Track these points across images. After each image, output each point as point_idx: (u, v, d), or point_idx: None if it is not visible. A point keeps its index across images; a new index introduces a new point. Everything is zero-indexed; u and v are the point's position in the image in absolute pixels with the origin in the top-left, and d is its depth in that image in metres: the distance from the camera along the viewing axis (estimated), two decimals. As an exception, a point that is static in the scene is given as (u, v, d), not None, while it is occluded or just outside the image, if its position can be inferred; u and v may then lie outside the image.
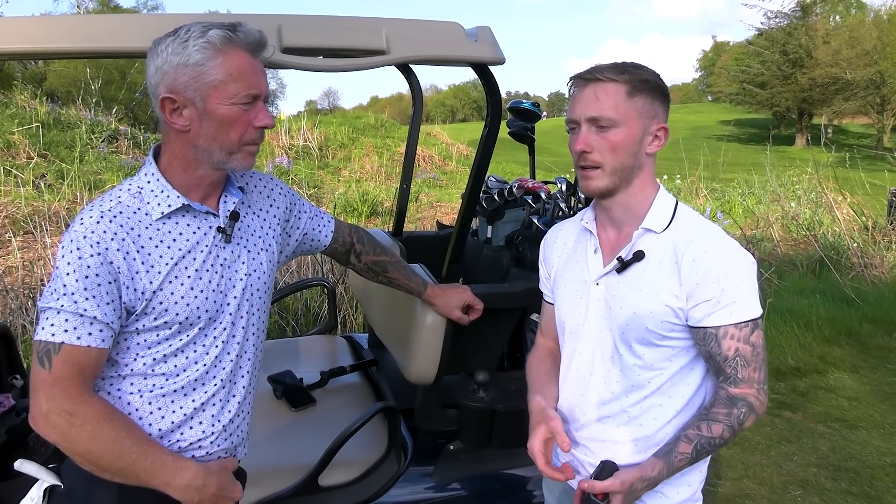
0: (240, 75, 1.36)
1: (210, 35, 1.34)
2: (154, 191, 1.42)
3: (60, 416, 1.29)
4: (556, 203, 2.89)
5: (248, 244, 1.56)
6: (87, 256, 1.31)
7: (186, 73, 1.34)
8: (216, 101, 1.36)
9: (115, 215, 1.36)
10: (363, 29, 1.77)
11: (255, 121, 1.42)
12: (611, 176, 1.45)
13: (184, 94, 1.35)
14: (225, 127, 1.38)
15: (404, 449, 2.40)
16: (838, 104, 37.85)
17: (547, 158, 12.51)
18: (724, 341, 1.41)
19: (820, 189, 9.97)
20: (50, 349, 1.30)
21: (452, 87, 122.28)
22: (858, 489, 3.49)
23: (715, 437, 1.41)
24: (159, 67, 1.36)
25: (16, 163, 9.95)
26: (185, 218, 1.45)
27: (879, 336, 5.74)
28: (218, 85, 1.35)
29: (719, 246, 1.42)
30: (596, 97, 1.42)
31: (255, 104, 1.41)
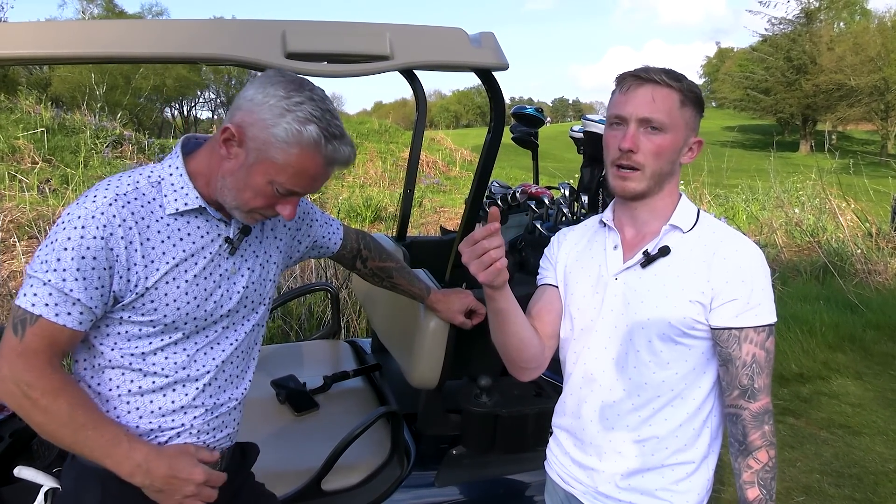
0: (298, 174, 1.34)
1: (308, 129, 1.30)
2: (174, 185, 1.40)
3: (17, 386, 1.28)
4: (559, 208, 2.90)
5: (251, 257, 1.55)
6: (90, 238, 1.29)
7: (262, 132, 1.31)
8: (261, 171, 1.34)
9: (130, 201, 1.34)
10: (367, 35, 1.78)
11: (279, 207, 1.40)
12: (649, 180, 1.46)
13: (246, 139, 1.33)
14: (250, 191, 1.36)
15: (407, 453, 2.40)
16: (842, 110, 37.87)
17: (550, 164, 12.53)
18: (745, 345, 1.42)
19: (824, 195, 9.96)
20: (26, 319, 1.28)
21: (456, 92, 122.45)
22: (862, 496, 3.48)
23: (766, 463, 1.43)
24: (254, 100, 1.33)
25: (20, 167, 9.98)
26: (197, 220, 1.43)
27: (883, 342, 5.72)
28: (273, 163, 1.33)
29: (749, 248, 1.45)
30: (653, 98, 1.42)
31: (290, 198, 1.39)
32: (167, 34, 1.60)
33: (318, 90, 1.35)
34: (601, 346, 1.53)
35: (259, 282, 1.57)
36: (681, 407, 1.48)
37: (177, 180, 1.40)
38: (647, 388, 1.48)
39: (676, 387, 1.47)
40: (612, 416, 1.52)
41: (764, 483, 1.43)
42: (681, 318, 1.43)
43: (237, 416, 1.63)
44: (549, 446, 1.72)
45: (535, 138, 3.38)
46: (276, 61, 1.66)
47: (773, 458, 1.44)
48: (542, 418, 2.27)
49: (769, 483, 1.43)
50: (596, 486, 1.55)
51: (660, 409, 1.48)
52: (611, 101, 1.51)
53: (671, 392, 1.48)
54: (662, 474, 1.50)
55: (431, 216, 11.79)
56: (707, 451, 1.52)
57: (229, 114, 1.37)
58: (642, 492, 1.51)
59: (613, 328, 1.51)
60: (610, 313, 1.51)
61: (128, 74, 33.09)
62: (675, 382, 1.47)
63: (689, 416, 1.48)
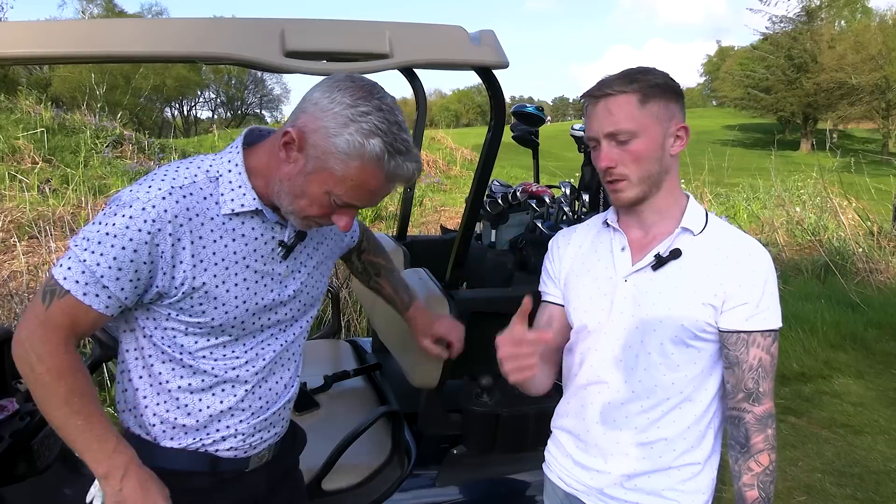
0: (357, 187, 1.27)
1: (371, 142, 1.22)
2: (233, 183, 1.34)
3: (29, 354, 1.28)
4: (560, 207, 2.89)
5: (305, 261, 1.51)
6: (135, 229, 1.24)
7: (324, 140, 1.24)
8: (319, 181, 1.27)
9: (185, 195, 1.29)
10: (366, 33, 1.77)
11: (335, 217, 1.34)
12: (638, 185, 1.45)
13: (306, 145, 1.26)
14: (306, 199, 1.30)
15: (408, 453, 2.39)
16: (843, 109, 37.82)
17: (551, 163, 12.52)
18: (752, 349, 1.42)
19: (825, 194, 9.94)
20: (56, 290, 1.27)
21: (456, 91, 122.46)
22: (863, 495, 3.47)
23: (767, 466, 1.43)
24: (318, 105, 1.25)
25: (21, 168, 9.97)
26: (252, 220, 1.38)
27: (885, 341, 5.71)
28: (332, 174, 1.26)
29: (761, 252, 1.46)
30: (609, 111, 1.42)
31: (347, 210, 1.33)
32: (166, 33, 1.59)
33: (388, 98, 1.27)
34: (609, 347, 1.52)
35: (312, 284, 1.54)
36: (689, 409, 1.48)
37: (235, 178, 1.34)
38: (657, 390, 1.47)
39: (685, 389, 1.47)
40: (619, 418, 1.51)
41: (763, 486, 1.43)
42: (693, 321, 1.43)
43: (286, 415, 1.63)
44: (548, 448, 1.72)
45: (535, 137, 3.37)
46: (275, 60, 1.65)
47: (774, 461, 1.44)
48: (543, 418, 2.26)
49: (768, 486, 1.43)
50: (601, 488, 1.54)
51: (669, 411, 1.48)
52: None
53: (680, 395, 1.47)
54: (669, 475, 1.50)
55: (432, 215, 11.77)
56: (711, 451, 1.52)
57: (292, 115, 1.30)
58: (648, 492, 1.50)
59: (623, 330, 1.50)
60: (619, 315, 1.50)
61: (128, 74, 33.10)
62: (685, 385, 1.47)
63: (696, 418, 1.48)
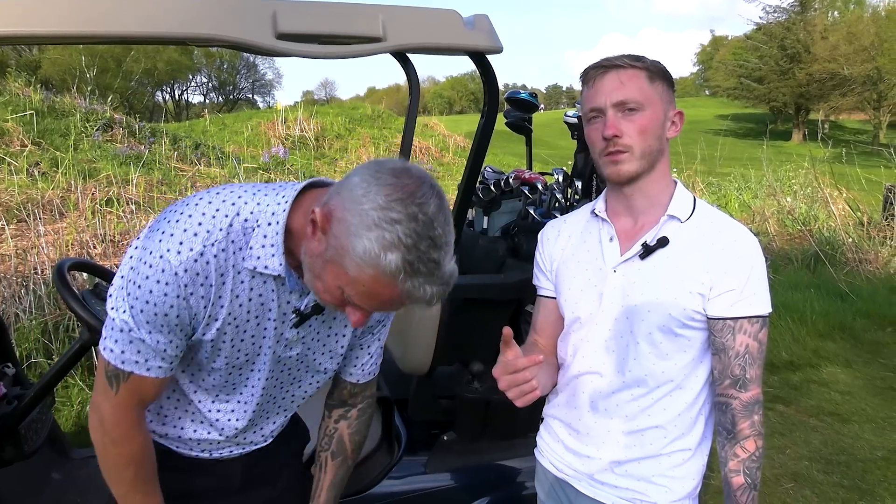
0: (368, 294, 1.14)
1: (388, 256, 1.08)
2: (267, 238, 1.24)
3: (105, 435, 1.32)
4: (552, 194, 2.89)
5: (319, 328, 1.44)
6: (173, 296, 1.20)
7: (344, 235, 1.10)
8: (333, 273, 1.15)
9: (217, 253, 1.21)
10: (359, 15, 1.75)
11: (349, 309, 1.21)
12: (640, 160, 1.45)
13: (329, 231, 1.13)
14: (321, 284, 1.19)
15: (398, 439, 2.39)
16: (835, 100, 37.96)
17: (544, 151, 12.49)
18: (739, 335, 1.41)
19: (816, 184, 9.98)
20: (120, 374, 1.27)
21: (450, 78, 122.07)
22: (850, 482, 3.50)
23: (754, 452, 1.43)
24: (353, 193, 1.12)
25: (9, 150, 9.88)
26: (274, 282, 1.30)
27: (873, 331, 5.76)
28: (346, 273, 1.12)
29: (747, 237, 1.45)
30: (620, 82, 1.42)
31: (356, 307, 1.20)
32: (155, 13, 1.56)
33: (430, 206, 1.10)
34: (601, 338, 1.52)
35: (319, 352, 1.48)
36: (679, 397, 1.48)
37: (270, 235, 1.24)
38: (648, 379, 1.48)
39: (676, 377, 1.47)
40: (610, 407, 1.52)
41: (749, 472, 1.43)
42: (681, 310, 1.43)
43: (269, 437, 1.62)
44: (540, 434, 1.72)
45: (528, 123, 3.35)
46: (266, 42, 1.63)
47: (761, 447, 1.44)
48: (534, 404, 2.27)
49: (754, 472, 1.44)
50: (591, 473, 1.55)
51: (659, 399, 1.48)
52: (582, 99, 1.51)
53: (671, 383, 1.48)
54: (659, 461, 1.50)
55: (424, 202, 11.74)
56: (702, 437, 1.53)
57: (332, 190, 1.18)
58: (639, 478, 1.51)
59: (614, 320, 1.50)
60: (610, 305, 1.50)
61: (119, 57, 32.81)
62: (675, 373, 1.47)
63: (687, 405, 1.49)
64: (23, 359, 4.01)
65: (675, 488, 1.51)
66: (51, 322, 4.50)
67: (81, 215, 7.09)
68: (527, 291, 2.45)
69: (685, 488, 1.52)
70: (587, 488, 1.56)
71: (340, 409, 1.68)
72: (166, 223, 1.22)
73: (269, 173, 12.09)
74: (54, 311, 4.66)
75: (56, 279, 1.96)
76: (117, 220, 7.06)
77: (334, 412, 1.68)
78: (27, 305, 4.64)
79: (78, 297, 1.93)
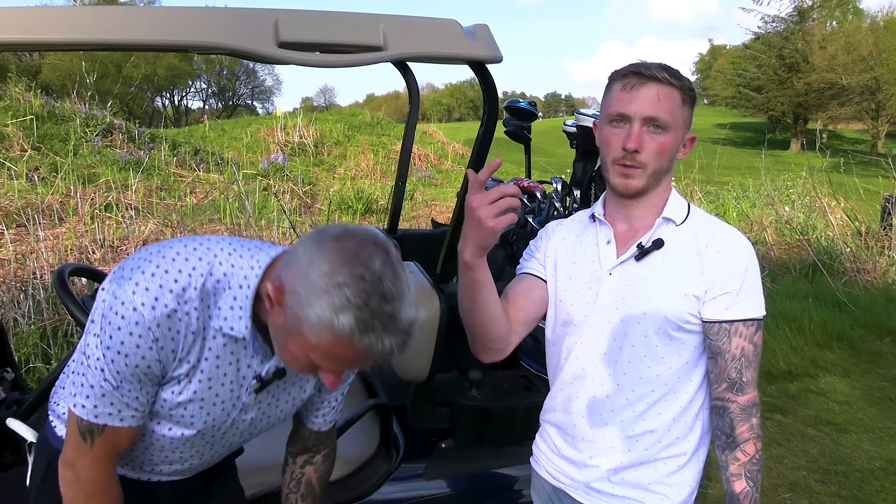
0: (331, 357, 1.16)
1: (341, 319, 1.10)
2: (236, 301, 1.27)
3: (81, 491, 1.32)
4: (551, 202, 2.89)
5: (272, 400, 1.47)
6: (146, 348, 1.21)
7: (297, 307, 1.13)
8: (296, 343, 1.17)
9: (189, 311, 1.23)
10: (360, 25, 1.76)
11: (320, 374, 1.23)
12: (650, 177, 1.46)
13: (284, 304, 1.17)
14: (289, 354, 1.22)
15: (396, 447, 2.39)
16: (833, 109, 38.06)
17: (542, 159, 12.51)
18: (734, 338, 1.42)
19: (814, 194, 9.99)
20: (94, 429, 1.28)
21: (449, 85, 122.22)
22: (848, 493, 3.50)
23: (753, 455, 1.44)
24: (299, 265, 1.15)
25: (9, 155, 9.89)
26: (237, 345, 1.32)
27: (871, 341, 5.75)
28: (307, 341, 1.15)
29: (741, 241, 1.46)
30: (658, 98, 1.41)
31: (329, 371, 1.22)
32: (159, 22, 1.58)
33: (375, 263, 1.14)
34: (594, 341, 1.52)
35: (274, 415, 1.51)
36: (674, 401, 1.49)
37: (240, 298, 1.27)
38: (642, 382, 1.48)
39: (670, 381, 1.48)
40: (605, 412, 1.52)
41: (751, 475, 1.43)
42: (676, 313, 1.43)
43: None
44: (536, 442, 1.72)
45: (527, 132, 3.37)
46: (267, 51, 1.64)
47: (760, 450, 1.45)
48: (532, 412, 2.27)
49: (755, 475, 1.44)
50: (587, 482, 1.55)
51: (654, 403, 1.48)
52: (609, 97, 1.48)
53: (665, 386, 1.48)
54: (655, 468, 1.50)
55: (423, 209, 11.77)
56: (699, 443, 1.53)
57: (281, 264, 1.22)
58: (635, 486, 1.51)
59: (608, 323, 1.50)
60: (604, 308, 1.51)
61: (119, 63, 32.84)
62: (669, 377, 1.47)
63: (681, 409, 1.49)
64: (21, 363, 4.01)
65: (671, 495, 1.51)
66: (49, 327, 4.51)
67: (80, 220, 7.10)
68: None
69: (681, 495, 1.52)
70: (584, 497, 1.56)
71: (305, 456, 1.70)
72: (140, 273, 1.22)
73: (268, 179, 12.10)
74: (53, 315, 4.67)
75: (56, 284, 1.97)
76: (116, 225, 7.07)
77: (299, 458, 1.71)
78: (26, 310, 4.65)
79: (78, 302, 1.94)
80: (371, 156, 15.88)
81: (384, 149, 16.47)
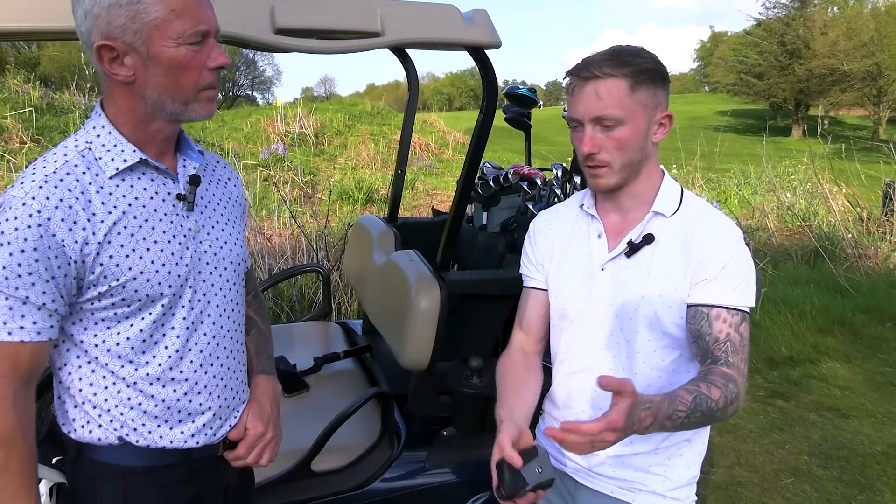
0: (183, 10, 1.18)
1: None
2: (106, 145, 1.25)
3: None
4: (551, 189, 2.88)
5: (213, 213, 1.42)
6: (24, 227, 1.14)
7: (121, 14, 1.16)
8: (161, 44, 1.19)
9: (62, 178, 1.20)
10: (358, 10, 1.75)
11: (209, 61, 1.24)
12: (619, 173, 1.43)
13: (121, 39, 1.17)
14: (175, 73, 1.22)
15: (397, 435, 2.39)
16: (835, 95, 37.86)
17: (543, 147, 12.49)
18: (716, 323, 1.37)
19: (815, 180, 9.97)
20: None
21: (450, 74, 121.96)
22: (849, 477, 3.51)
23: (712, 399, 1.27)
24: (88, 11, 1.17)
25: (8, 147, 9.89)
26: (141, 180, 1.29)
27: (872, 326, 5.75)
28: (160, 24, 1.17)
29: (728, 230, 1.42)
30: (598, 96, 1.37)
31: (206, 42, 1.23)
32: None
33: None
34: (591, 336, 1.52)
35: (230, 239, 1.45)
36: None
37: (107, 140, 1.26)
38: (639, 377, 1.47)
39: (666, 373, 1.47)
40: (605, 406, 1.51)
41: (697, 403, 1.26)
42: (667, 307, 1.42)
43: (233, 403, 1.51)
44: (539, 427, 1.72)
45: (527, 119, 3.35)
46: (264, 37, 1.63)
47: (718, 408, 1.27)
48: (533, 400, 2.28)
49: (696, 412, 1.26)
50: (590, 467, 1.56)
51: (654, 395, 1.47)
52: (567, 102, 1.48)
53: (661, 379, 1.47)
54: (657, 452, 1.51)
55: (423, 199, 11.77)
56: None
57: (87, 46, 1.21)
58: (637, 468, 1.52)
59: (603, 318, 1.50)
60: (599, 304, 1.50)
61: (118, 54, 32.67)
62: (665, 369, 1.47)
63: None
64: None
65: (672, 476, 1.52)
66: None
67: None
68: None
69: (683, 477, 1.52)
70: (586, 479, 1.57)
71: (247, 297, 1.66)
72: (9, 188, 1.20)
73: (269, 170, 12.08)
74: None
75: None
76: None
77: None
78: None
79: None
80: (372, 145, 15.85)
81: (385, 138, 16.43)
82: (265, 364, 1.69)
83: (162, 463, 1.39)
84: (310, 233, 6.01)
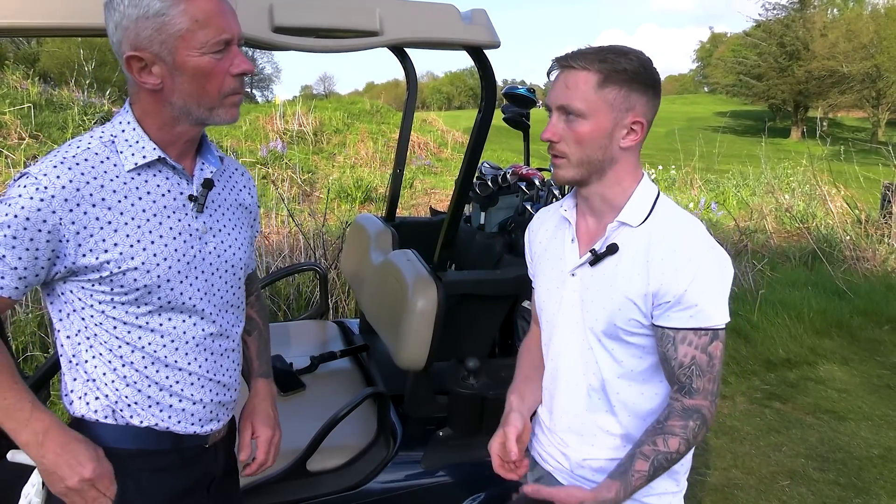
0: (207, 20, 1.25)
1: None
2: (129, 140, 1.32)
3: None
4: (549, 190, 2.88)
5: (222, 217, 1.48)
6: (27, 198, 1.22)
7: (148, 26, 1.23)
8: (186, 53, 1.25)
9: (78, 163, 1.27)
10: (356, 9, 1.75)
11: (233, 68, 1.31)
12: (577, 167, 1.39)
13: (149, 49, 1.25)
14: (200, 80, 1.28)
15: (393, 435, 2.39)
16: (834, 97, 37.91)
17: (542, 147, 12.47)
18: (682, 347, 1.35)
19: (814, 182, 9.98)
20: None
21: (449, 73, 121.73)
22: (846, 480, 3.51)
23: (672, 451, 1.36)
24: (118, 24, 1.25)
25: (7, 143, 9.87)
26: (157, 177, 1.35)
27: (870, 328, 5.75)
28: (185, 34, 1.24)
29: (691, 246, 1.35)
30: (566, 85, 1.36)
31: (229, 49, 1.30)
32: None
33: None
34: (564, 342, 1.52)
35: (234, 244, 1.50)
36: (645, 401, 1.47)
37: (130, 134, 1.33)
38: (609, 384, 1.46)
39: (636, 382, 1.46)
40: (580, 412, 1.52)
41: (656, 465, 1.36)
42: (625, 319, 1.40)
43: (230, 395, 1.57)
44: (532, 427, 1.72)
45: (526, 119, 3.34)
46: (263, 36, 1.63)
47: (680, 454, 1.37)
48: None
49: (659, 470, 1.37)
50: (570, 469, 1.57)
51: (625, 403, 1.47)
52: None
53: (630, 388, 1.46)
54: None
55: (422, 197, 11.75)
56: None
57: (119, 55, 1.28)
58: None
59: (574, 324, 1.49)
60: (570, 309, 1.49)
61: (117, 51, 32.61)
62: (635, 378, 1.46)
63: (650, 411, 1.47)
64: (19, 352, 4.00)
65: (653, 484, 1.49)
66: (47, 315, 4.49)
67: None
68: (523, 287, 2.45)
69: (664, 485, 1.50)
70: (567, 480, 1.57)
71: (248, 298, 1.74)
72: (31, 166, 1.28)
73: (267, 167, 12.07)
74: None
75: None
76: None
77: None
78: (23, 299, 4.63)
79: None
80: (370, 144, 15.83)
81: (384, 137, 16.42)
82: (265, 367, 1.78)
83: (154, 447, 1.44)
84: (307, 231, 6.01)
